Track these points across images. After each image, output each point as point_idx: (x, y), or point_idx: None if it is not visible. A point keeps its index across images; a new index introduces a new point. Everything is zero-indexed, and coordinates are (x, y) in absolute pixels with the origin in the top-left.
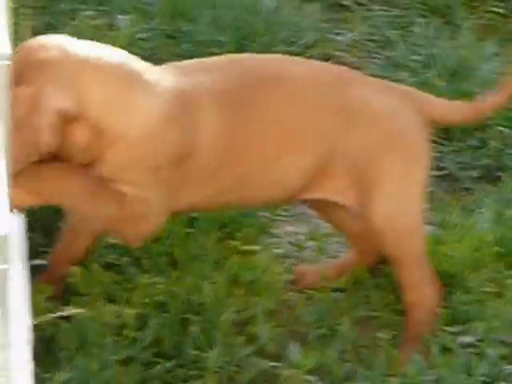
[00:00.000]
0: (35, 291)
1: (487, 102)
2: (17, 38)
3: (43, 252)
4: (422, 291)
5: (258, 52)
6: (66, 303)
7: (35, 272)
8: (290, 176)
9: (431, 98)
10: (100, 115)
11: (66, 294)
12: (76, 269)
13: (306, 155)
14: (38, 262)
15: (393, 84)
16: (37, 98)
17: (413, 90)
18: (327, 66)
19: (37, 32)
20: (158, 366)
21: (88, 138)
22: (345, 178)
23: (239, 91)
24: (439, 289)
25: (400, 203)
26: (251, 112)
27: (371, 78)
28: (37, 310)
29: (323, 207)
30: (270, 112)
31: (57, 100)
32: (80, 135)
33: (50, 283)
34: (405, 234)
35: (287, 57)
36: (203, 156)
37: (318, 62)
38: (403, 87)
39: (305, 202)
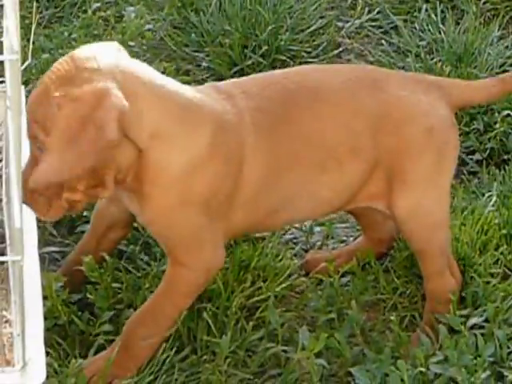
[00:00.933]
0: (48, 279)
1: None
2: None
3: (56, 241)
4: (444, 280)
5: (264, 40)
6: (78, 292)
7: (47, 260)
8: (336, 191)
9: (458, 82)
10: (146, 139)
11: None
12: (87, 257)
13: (351, 167)
14: (49, 249)
15: (421, 76)
16: (101, 95)
17: (441, 79)
18: (354, 69)
19: (44, 25)
20: (174, 354)
21: (132, 159)
22: (383, 181)
23: (278, 110)
24: (459, 276)
25: (431, 199)
26: (292, 130)
27: (400, 74)
28: (51, 299)
29: None
30: (310, 128)
31: (121, 98)
32: (127, 152)
33: (68, 274)
34: (434, 228)
35: (313, 67)
36: (251, 182)
37: (343, 67)
38: (431, 78)
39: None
